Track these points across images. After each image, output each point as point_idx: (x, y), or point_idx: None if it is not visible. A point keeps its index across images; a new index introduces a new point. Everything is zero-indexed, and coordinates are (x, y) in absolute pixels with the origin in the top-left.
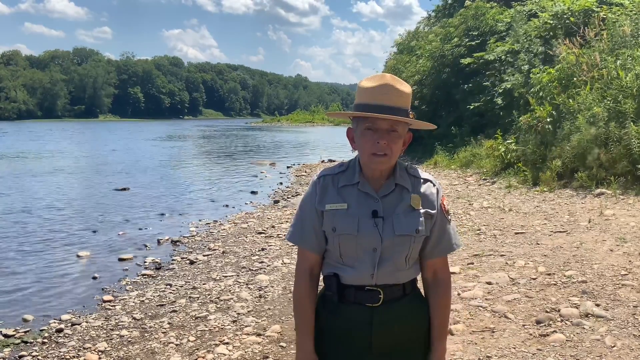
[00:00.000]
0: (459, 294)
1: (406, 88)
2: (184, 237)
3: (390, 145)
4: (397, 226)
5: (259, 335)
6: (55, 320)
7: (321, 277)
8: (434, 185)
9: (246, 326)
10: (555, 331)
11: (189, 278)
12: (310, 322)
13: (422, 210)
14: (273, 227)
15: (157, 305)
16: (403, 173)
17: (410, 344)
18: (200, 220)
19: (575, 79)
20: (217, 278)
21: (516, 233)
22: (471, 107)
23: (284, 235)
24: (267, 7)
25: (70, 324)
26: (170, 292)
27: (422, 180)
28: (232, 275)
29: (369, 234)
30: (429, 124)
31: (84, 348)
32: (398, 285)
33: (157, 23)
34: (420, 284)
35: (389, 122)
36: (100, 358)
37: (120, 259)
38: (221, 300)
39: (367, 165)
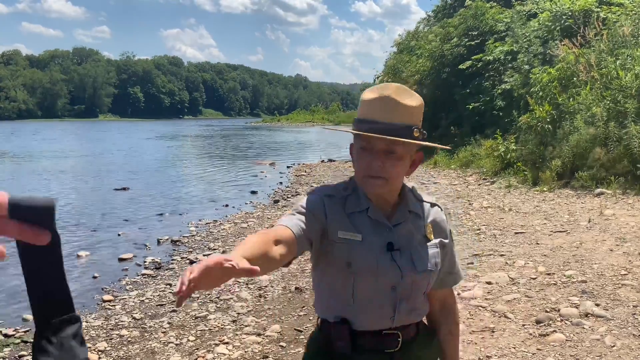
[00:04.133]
0: (459, 294)
1: (412, 101)
2: (184, 236)
3: (387, 168)
4: (417, 260)
5: (258, 335)
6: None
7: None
8: (441, 209)
9: (246, 326)
10: (555, 331)
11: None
12: (249, 247)
13: (436, 241)
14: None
15: (157, 305)
16: (412, 197)
17: None
18: (200, 220)
19: (575, 79)
20: None
21: (516, 233)
22: (470, 107)
23: None
24: (265, 7)
25: None
26: (170, 292)
27: (429, 205)
28: None
29: (388, 270)
30: (438, 145)
31: None
32: (413, 324)
33: (155, 22)
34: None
35: (385, 141)
36: (100, 358)
37: (120, 259)
38: (221, 300)
39: (363, 188)
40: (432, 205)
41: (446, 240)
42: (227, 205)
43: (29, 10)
